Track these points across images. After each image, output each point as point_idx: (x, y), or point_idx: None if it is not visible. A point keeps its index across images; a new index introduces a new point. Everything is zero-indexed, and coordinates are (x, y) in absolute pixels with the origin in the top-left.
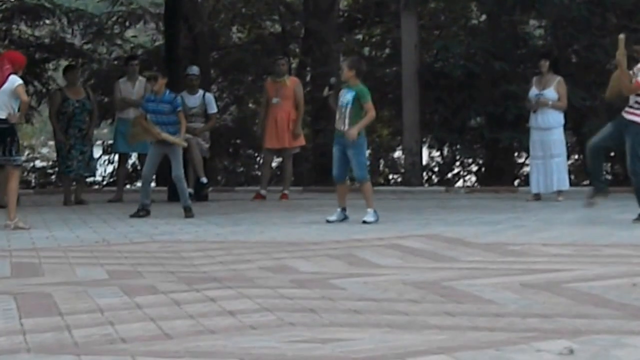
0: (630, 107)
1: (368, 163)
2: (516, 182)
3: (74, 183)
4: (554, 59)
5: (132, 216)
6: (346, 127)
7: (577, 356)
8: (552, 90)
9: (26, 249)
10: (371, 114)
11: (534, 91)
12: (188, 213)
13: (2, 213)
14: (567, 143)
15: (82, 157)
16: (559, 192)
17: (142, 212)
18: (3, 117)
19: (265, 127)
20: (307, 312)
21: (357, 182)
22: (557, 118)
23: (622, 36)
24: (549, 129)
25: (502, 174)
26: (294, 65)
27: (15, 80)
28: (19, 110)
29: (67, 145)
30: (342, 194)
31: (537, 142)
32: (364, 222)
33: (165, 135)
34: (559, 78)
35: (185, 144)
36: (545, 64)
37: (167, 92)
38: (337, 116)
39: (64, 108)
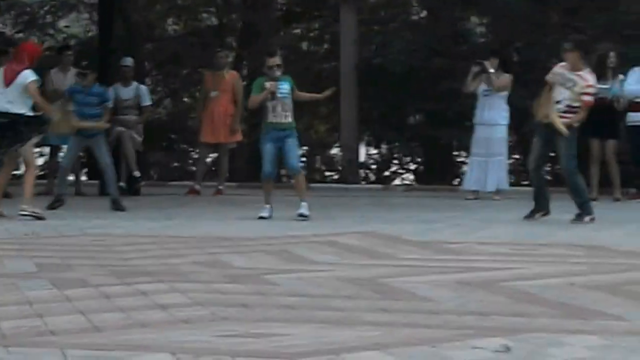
0: (562, 112)
1: (303, 160)
2: (455, 181)
3: None
4: (503, 57)
5: (48, 208)
6: (290, 119)
7: (514, 354)
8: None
9: None
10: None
11: (482, 87)
12: (116, 205)
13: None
14: (509, 142)
15: None
16: (496, 192)
17: (58, 203)
18: (18, 111)
19: (202, 120)
20: (241, 307)
21: (291, 173)
22: (503, 115)
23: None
24: (494, 126)
25: (441, 172)
26: (230, 59)
27: (28, 77)
28: (33, 108)
29: None
30: (270, 191)
31: (481, 139)
32: (300, 215)
33: (83, 123)
34: (509, 75)
35: (108, 125)
36: (495, 62)
37: (96, 84)
38: (278, 109)
39: None
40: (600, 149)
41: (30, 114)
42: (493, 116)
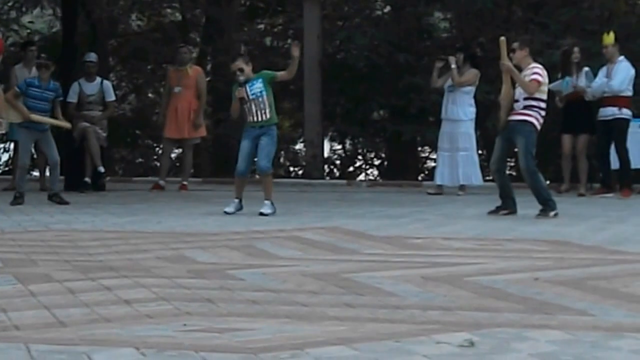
0: (520, 110)
1: None
2: (420, 177)
3: None
4: (470, 53)
5: (11, 204)
6: (267, 116)
7: (478, 349)
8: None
9: None
10: (291, 74)
11: (448, 83)
12: (54, 199)
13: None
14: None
15: None
16: (461, 187)
17: (20, 199)
18: None
19: (166, 116)
20: (205, 301)
21: (260, 173)
22: (466, 111)
23: (502, 39)
24: (457, 121)
25: (405, 168)
26: (194, 55)
27: None
28: None
29: None
30: (242, 186)
31: (445, 134)
32: (261, 213)
33: (39, 117)
34: (475, 71)
35: (69, 125)
36: (460, 57)
37: (52, 80)
38: (252, 110)
39: None
40: (572, 144)
41: None
42: (456, 111)
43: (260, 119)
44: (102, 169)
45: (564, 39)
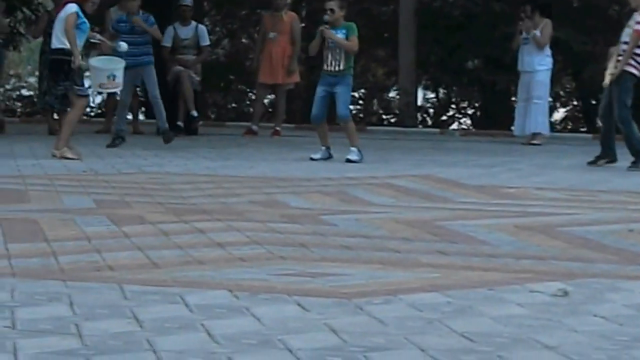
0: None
1: (360, 103)
2: (513, 127)
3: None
4: (540, 3)
5: (108, 146)
6: (341, 67)
7: (572, 298)
8: (539, 31)
9: (12, 175)
10: (354, 47)
11: (524, 35)
12: (166, 136)
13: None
14: (551, 87)
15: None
16: (534, 135)
17: (118, 140)
18: (59, 46)
19: (260, 61)
20: (298, 246)
21: (339, 121)
22: (540, 61)
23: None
24: (532, 72)
25: (498, 117)
26: (289, 0)
27: (69, 9)
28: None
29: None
30: (324, 134)
31: (523, 85)
32: (348, 160)
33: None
34: (546, 20)
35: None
36: (528, 9)
37: (141, 12)
38: (329, 58)
39: (50, 29)
40: None
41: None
42: (531, 62)
43: (334, 68)
44: (195, 113)
45: None
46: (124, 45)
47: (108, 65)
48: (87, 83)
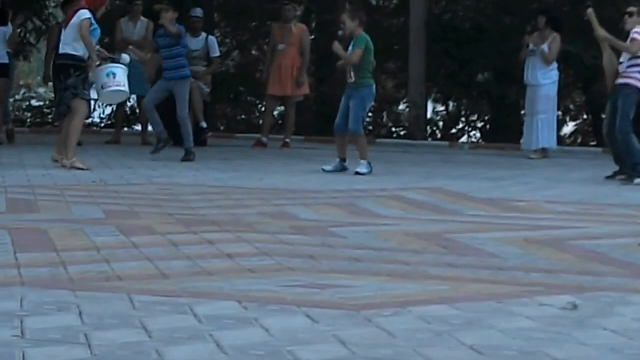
0: (624, 72)
1: (370, 116)
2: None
3: None
4: (552, 16)
5: (153, 152)
6: (352, 78)
7: (581, 312)
8: (547, 46)
9: (22, 185)
10: (353, 58)
11: (531, 47)
12: (187, 156)
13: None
14: (559, 101)
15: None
16: (535, 151)
17: (162, 143)
18: (69, 52)
19: (270, 73)
20: (307, 258)
21: (349, 134)
22: (544, 74)
23: (590, 10)
24: (537, 86)
25: (508, 130)
26: (299, 12)
27: (82, 15)
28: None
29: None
30: (342, 145)
31: (527, 99)
32: (357, 173)
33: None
34: (554, 34)
35: (148, 56)
36: (541, 21)
37: (177, 25)
38: (348, 68)
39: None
40: None
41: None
42: (536, 76)
43: (349, 80)
44: (204, 125)
45: None
46: (126, 57)
47: (106, 65)
48: (93, 94)
